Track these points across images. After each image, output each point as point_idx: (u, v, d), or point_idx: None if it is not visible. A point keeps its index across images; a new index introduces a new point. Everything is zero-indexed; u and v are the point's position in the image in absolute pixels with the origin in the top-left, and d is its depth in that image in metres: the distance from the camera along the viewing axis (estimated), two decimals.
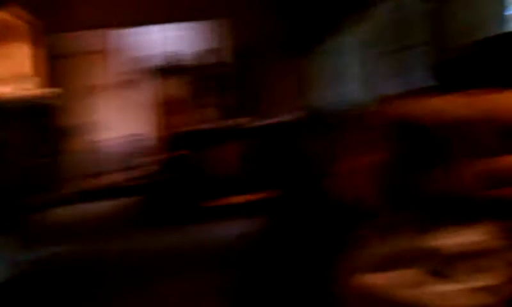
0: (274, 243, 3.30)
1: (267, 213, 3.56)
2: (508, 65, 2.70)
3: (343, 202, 0.95)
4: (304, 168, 2.56)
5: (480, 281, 0.74)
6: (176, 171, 5.53)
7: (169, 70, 8.06)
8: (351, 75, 7.94)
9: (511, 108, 1.40)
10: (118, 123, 8.19)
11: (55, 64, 8.09)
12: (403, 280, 0.79)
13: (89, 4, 8.00)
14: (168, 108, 7.99)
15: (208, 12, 8.22)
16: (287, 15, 8.03)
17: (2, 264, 3.66)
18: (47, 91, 7.71)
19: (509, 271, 0.68)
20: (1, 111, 5.61)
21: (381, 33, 6.64)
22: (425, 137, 0.85)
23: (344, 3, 7.29)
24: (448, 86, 2.73)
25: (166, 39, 8.39)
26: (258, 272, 3.10)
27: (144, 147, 7.91)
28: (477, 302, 0.70)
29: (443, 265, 0.78)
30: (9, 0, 7.49)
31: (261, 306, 2.51)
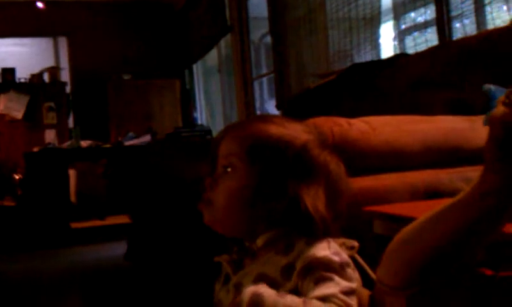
0: (138, 267, 3.22)
1: (132, 237, 3.47)
2: (357, 95, 2.92)
3: (211, 227, 0.93)
4: (169, 190, 2.53)
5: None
6: (36, 191, 5.21)
7: (3, 87, 7.48)
8: (211, 99, 8.07)
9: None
10: None
11: None
12: None
13: None
14: (1, 127, 7.39)
15: (47, 28, 7.81)
16: (141, 38, 7.92)
17: None
18: None
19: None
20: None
21: (229, 63, 6.84)
22: (276, 159, 0.86)
23: (198, 31, 7.41)
24: (298, 114, 2.90)
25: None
26: (125, 295, 3.01)
27: None
28: None
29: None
30: None
31: None
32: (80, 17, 7.81)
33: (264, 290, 0.79)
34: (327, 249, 0.83)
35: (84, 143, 5.84)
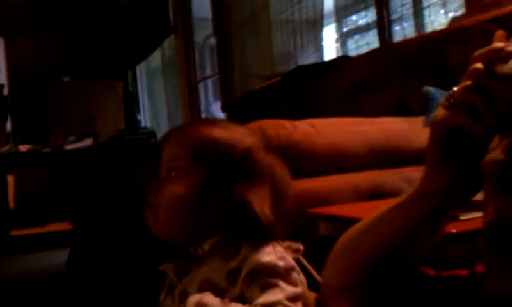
0: (81, 276, 3.13)
1: (74, 244, 3.37)
2: (301, 97, 2.95)
3: (155, 234, 0.91)
4: (112, 196, 2.47)
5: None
6: None
7: None
8: (155, 101, 7.97)
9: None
10: None
11: None
12: None
13: None
14: None
15: None
16: (82, 39, 7.74)
17: None
18: None
19: None
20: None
21: (173, 64, 6.78)
22: (221, 161, 0.86)
23: (142, 32, 7.32)
24: (243, 116, 2.90)
25: None
26: (67, 305, 2.92)
27: None
28: None
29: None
30: None
31: None
32: (17, 17, 7.55)
33: (208, 298, 0.78)
34: (272, 254, 0.83)
35: (23, 147, 5.65)
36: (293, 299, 0.79)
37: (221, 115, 5.32)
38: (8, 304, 3.21)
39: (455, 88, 0.53)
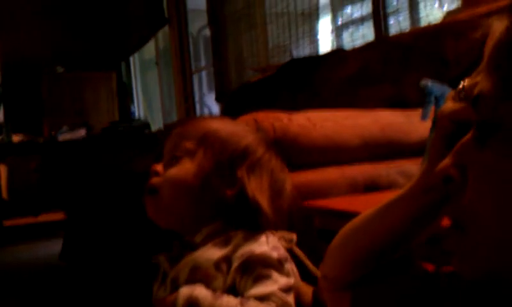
0: (74, 267, 3.13)
1: (67, 235, 3.36)
2: (296, 89, 2.94)
3: (154, 220, 0.91)
4: (105, 186, 2.46)
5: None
6: None
7: None
8: (149, 92, 7.95)
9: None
10: None
11: None
12: None
13: None
14: None
15: None
16: (75, 29, 7.69)
17: None
18: None
19: None
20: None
21: (167, 55, 6.75)
22: (224, 150, 0.88)
23: (136, 24, 7.28)
24: (238, 108, 2.89)
25: None
26: (61, 296, 2.91)
27: None
28: None
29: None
30: None
31: None
32: (10, 5, 7.49)
33: (199, 292, 0.79)
34: (265, 244, 0.83)
35: (16, 138, 5.62)
36: (286, 290, 0.80)
37: (215, 106, 5.31)
38: (1, 293, 3.20)
39: (465, 81, 0.52)
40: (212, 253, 0.83)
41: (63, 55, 7.53)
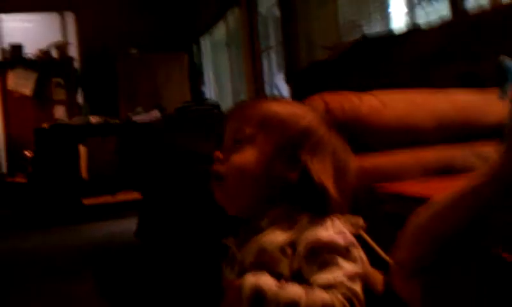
0: (148, 245, 3.24)
1: (142, 214, 3.49)
2: (367, 69, 2.88)
3: (222, 205, 0.93)
4: (179, 167, 2.52)
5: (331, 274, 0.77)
6: (47, 168, 5.25)
7: (11, 63, 7.47)
8: (220, 73, 8.04)
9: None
10: None
11: None
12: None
13: None
14: (10, 104, 7.41)
15: (53, 4, 7.77)
16: (148, 12, 7.86)
17: None
18: None
19: None
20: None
21: (237, 37, 6.78)
22: (286, 132, 0.89)
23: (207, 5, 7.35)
24: (308, 88, 2.87)
25: (6, 30, 7.78)
26: (135, 273, 3.04)
27: None
28: None
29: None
30: None
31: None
32: None
33: (264, 282, 0.78)
34: (330, 229, 0.82)
35: (94, 119, 5.85)
36: (352, 276, 0.77)
37: (284, 86, 5.29)
38: (79, 269, 3.36)
39: None
40: (277, 236, 0.83)
41: (136, 37, 7.73)
